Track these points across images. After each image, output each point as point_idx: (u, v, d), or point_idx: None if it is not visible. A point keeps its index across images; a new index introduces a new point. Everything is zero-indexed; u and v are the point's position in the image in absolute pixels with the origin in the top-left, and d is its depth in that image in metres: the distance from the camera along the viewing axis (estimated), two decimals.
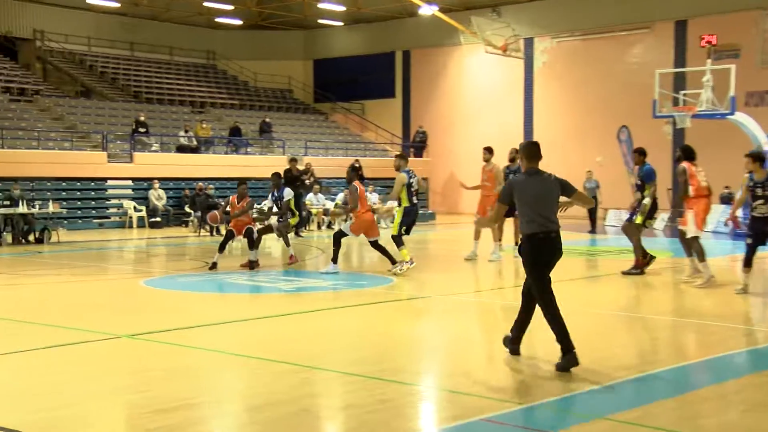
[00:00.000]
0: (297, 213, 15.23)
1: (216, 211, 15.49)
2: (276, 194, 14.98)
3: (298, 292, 11.78)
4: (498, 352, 7.64)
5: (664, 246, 18.96)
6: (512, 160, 16.27)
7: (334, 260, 13.48)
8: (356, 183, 13.79)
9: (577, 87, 32.86)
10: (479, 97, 35.45)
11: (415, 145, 35.87)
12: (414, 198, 13.80)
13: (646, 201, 13.19)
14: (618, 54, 31.80)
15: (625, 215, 13.99)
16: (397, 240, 13.51)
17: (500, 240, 15.91)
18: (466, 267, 15.25)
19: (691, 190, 12.19)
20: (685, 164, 12.31)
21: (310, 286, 12.46)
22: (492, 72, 35.29)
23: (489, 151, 16.24)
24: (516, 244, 15.39)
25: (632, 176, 27.26)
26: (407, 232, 13.71)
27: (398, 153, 13.86)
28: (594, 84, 32.36)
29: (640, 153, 13.52)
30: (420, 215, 28.89)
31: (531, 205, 7.03)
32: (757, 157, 11.01)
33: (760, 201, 10.92)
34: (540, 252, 7.06)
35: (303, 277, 13.38)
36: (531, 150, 7.19)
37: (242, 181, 15.00)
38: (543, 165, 7.26)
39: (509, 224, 16.12)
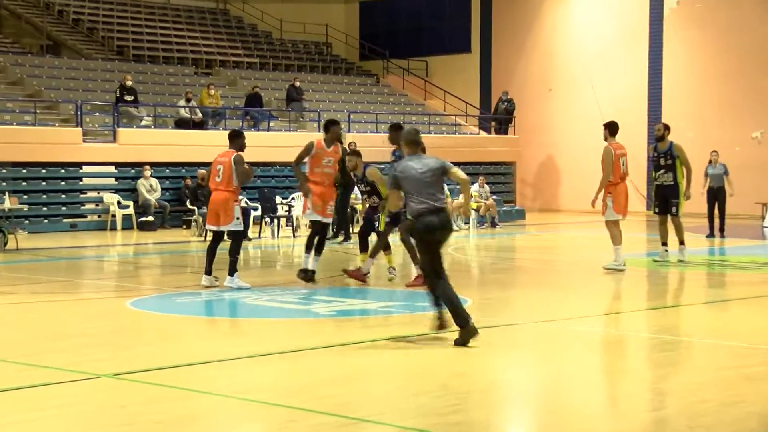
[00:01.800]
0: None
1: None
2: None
3: (339, 317, 11.81)
4: (608, 402, 7.51)
5: None
6: (660, 138, 17.41)
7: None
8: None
9: (726, 34, 32.39)
10: (585, 53, 35.23)
11: (498, 117, 35.74)
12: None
13: None
14: None
15: None
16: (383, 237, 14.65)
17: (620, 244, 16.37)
18: (564, 283, 15.21)
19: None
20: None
21: (354, 308, 12.43)
22: (603, 18, 35.01)
23: (610, 127, 16.56)
24: (681, 242, 17.28)
25: None
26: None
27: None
28: (750, 30, 31.85)
29: None
30: (504, 213, 28.90)
31: (416, 186, 9.96)
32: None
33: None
34: (426, 227, 9.89)
35: (346, 297, 13.37)
36: (412, 137, 10.32)
37: (334, 121, 14.92)
38: (677, 139, 7.16)
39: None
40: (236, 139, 14.30)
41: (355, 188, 25.32)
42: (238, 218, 13.97)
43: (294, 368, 9.01)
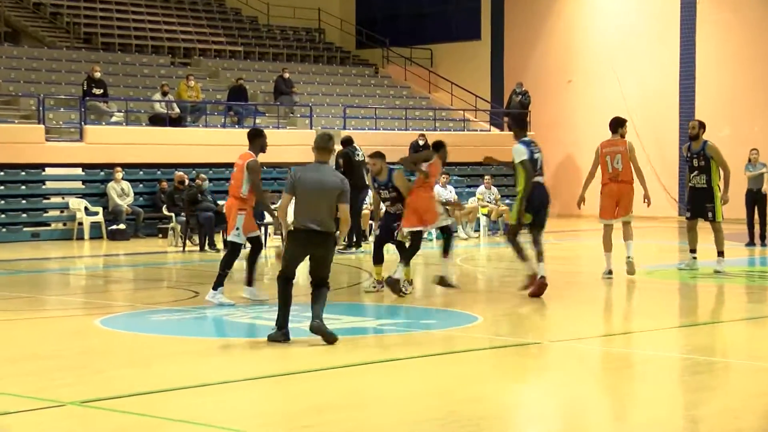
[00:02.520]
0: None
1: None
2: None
3: (340, 336, 11.75)
4: (635, 431, 7.52)
5: None
6: (694, 137, 17.60)
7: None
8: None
9: (762, 21, 32.42)
10: (609, 40, 35.26)
11: (512, 112, 35.74)
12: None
13: None
14: None
15: None
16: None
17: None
18: (585, 297, 15.26)
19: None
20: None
21: (350, 326, 12.43)
22: (629, 3, 34.99)
23: (610, 123, 17.39)
24: (720, 253, 17.39)
25: None
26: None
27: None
28: None
29: None
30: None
31: (304, 198, 11.04)
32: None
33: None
34: (294, 243, 11.16)
35: (340, 314, 13.36)
36: (322, 142, 11.26)
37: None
38: (712, 136, 7.21)
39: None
40: (256, 139, 14.18)
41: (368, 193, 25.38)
42: (238, 229, 13.91)
43: (281, 394, 9.00)
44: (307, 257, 11.22)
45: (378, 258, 15.27)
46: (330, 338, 10.92)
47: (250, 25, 39.15)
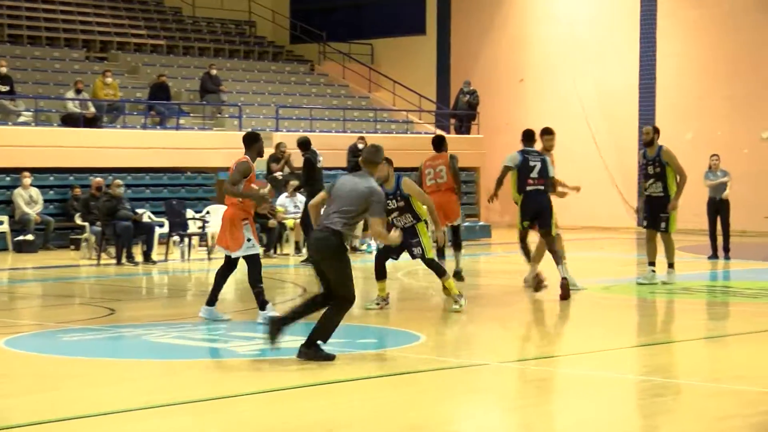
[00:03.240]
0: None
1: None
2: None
3: (261, 358, 11.77)
4: None
5: None
6: (649, 143, 18.10)
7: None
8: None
9: (728, 17, 32.78)
10: (565, 37, 35.47)
11: (459, 113, 35.88)
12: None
13: None
14: None
15: None
16: (434, 265, 15.67)
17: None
18: (536, 315, 15.40)
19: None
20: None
21: (287, 347, 12.41)
22: None
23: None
24: (670, 265, 18.04)
25: None
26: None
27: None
28: (756, 11, 32.29)
29: None
30: (467, 229, 29.02)
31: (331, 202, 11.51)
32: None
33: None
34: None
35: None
36: (369, 154, 11.70)
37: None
38: (675, 141, 7.28)
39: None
40: (253, 144, 14.05)
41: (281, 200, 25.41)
42: (249, 239, 13.73)
43: (203, 421, 8.97)
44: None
45: (380, 273, 15.33)
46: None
47: (173, 16, 38.99)
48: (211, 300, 13.99)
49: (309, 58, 39.69)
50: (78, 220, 25.79)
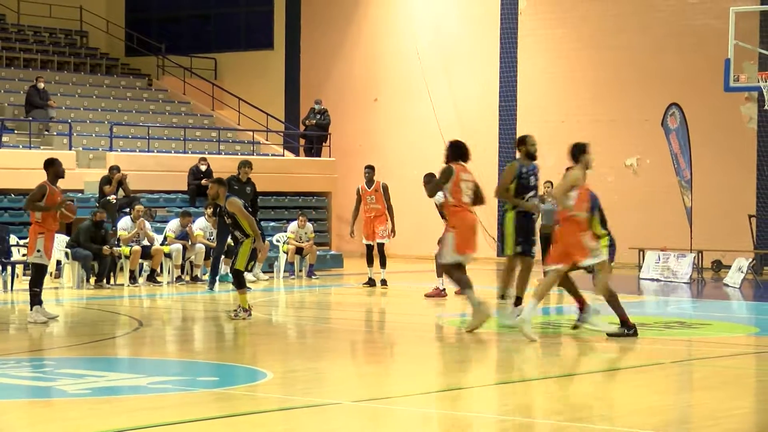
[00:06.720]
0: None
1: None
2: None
3: (94, 397, 11.58)
4: None
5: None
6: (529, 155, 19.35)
7: None
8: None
9: (593, 37, 33.37)
10: (423, 54, 35.73)
11: (308, 134, 35.90)
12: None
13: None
14: None
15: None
16: (240, 278, 17.97)
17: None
18: (391, 350, 15.48)
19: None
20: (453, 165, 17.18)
21: (115, 385, 12.23)
22: (444, 10, 35.60)
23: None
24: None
25: (685, 189, 27.64)
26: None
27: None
28: (622, 32, 32.91)
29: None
30: (318, 258, 28.97)
31: None
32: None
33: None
34: None
35: (104, 370, 13.14)
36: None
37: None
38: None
39: None
40: (49, 167, 17.55)
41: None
42: (39, 250, 17.23)
43: None
44: None
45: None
46: None
47: None
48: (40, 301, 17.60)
49: (147, 71, 39.39)
50: None
